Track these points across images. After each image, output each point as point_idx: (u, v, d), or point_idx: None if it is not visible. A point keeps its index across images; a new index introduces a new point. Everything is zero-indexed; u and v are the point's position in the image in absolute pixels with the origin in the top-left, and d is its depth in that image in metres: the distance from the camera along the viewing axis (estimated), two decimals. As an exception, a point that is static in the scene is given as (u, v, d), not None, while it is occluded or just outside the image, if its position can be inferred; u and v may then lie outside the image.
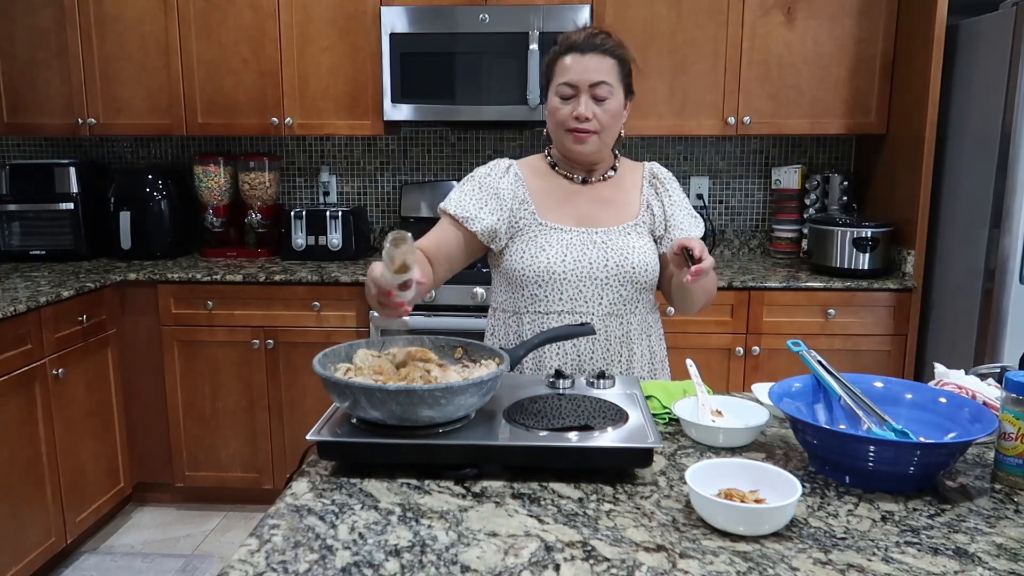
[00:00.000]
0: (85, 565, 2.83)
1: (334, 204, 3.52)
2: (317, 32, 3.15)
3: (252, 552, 0.96)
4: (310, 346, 3.00)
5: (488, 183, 1.67)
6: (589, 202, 1.67)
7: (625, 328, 1.66)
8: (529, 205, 1.66)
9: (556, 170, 1.70)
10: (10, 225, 3.31)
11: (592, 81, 1.56)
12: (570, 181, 1.69)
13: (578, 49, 1.58)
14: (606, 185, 1.70)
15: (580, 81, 1.57)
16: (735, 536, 0.99)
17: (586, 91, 1.57)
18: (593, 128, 1.58)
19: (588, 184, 1.69)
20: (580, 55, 1.57)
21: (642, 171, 1.74)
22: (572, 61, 1.58)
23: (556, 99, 1.60)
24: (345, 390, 1.16)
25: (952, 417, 1.23)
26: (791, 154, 3.49)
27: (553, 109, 1.61)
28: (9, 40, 3.24)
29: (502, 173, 1.68)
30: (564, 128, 1.60)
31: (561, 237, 1.63)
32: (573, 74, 1.57)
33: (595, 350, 1.66)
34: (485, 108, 3.07)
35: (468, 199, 1.65)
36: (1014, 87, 2.47)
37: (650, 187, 1.71)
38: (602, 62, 1.58)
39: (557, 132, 1.63)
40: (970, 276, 2.70)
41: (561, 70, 1.59)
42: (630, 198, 1.70)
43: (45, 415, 2.62)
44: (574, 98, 1.58)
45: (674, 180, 1.75)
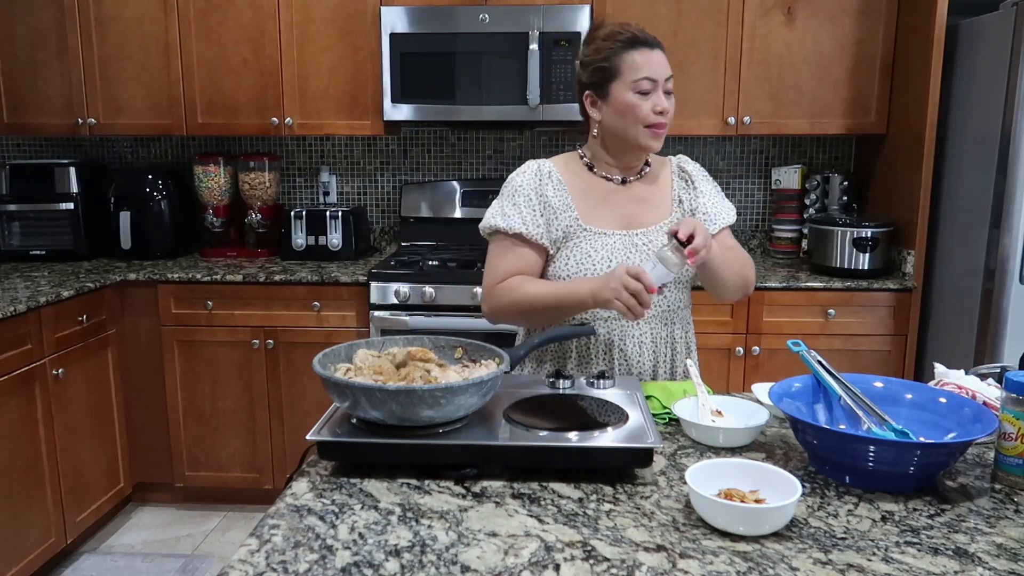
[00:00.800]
0: (85, 565, 2.83)
1: (334, 204, 3.52)
2: (317, 32, 3.15)
3: (252, 552, 0.96)
4: (310, 346, 3.00)
5: (531, 193, 1.62)
6: (627, 202, 1.65)
7: (669, 328, 1.66)
8: (572, 210, 1.62)
9: (594, 171, 1.67)
10: (10, 225, 3.31)
11: (667, 75, 1.56)
12: (608, 182, 1.66)
13: (647, 44, 1.57)
14: (641, 183, 1.68)
15: (659, 75, 1.55)
16: (735, 536, 0.99)
17: (662, 85, 1.56)
18: (667, 122, 1.58)
19: (626, 184, 1.67)
20: (650, 50, 1.56)
21: (670, 165, 1.72)
22: (645, 56, 1.55)
23: (633, 95, 1.55)
24: (345, 390, 1.16)
25: (952, 417, 1.23)
26: (791, 154, 3.49)
27: (632, 105, 1.55)
28: (9, 40, 3.24)
29: (544, 179, 1.63)
30: (644, 124, 1.55)
31: (605, 242, 1.61)
32: (652, 68, 1.54)
33: (643, 352, 1.64)
34: (485, 108, 3.07)
35: (527, 214, 1.61)
36: (1014, 87, 2.47)
37: (680, 180, 1.70)
38: (664, 58, 1.58)
39: (633, 128, 1.56)
40: (970, 276, 2.70)
41: (633, 65, 1.55)
42: (663, 194, 1.68)
43: (45, 415, 2.62)
44: (651, 93, 1.55)
45: (701, 170, 1.73)
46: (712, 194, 1.70)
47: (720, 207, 1.69)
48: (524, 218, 1.60)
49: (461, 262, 3.05)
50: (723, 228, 1.67)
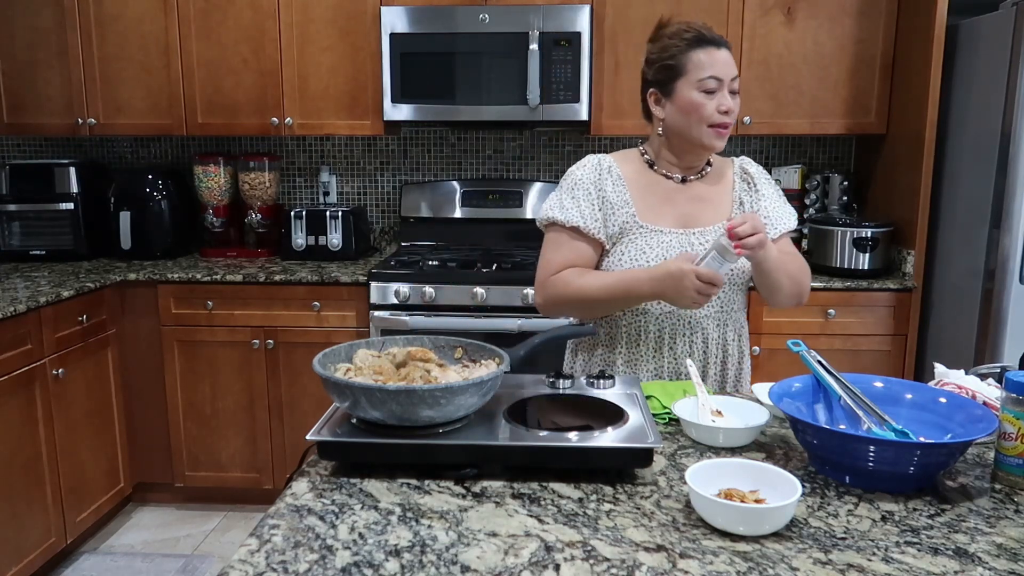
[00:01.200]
0: (85, 565, 2.83)
1: (334, 204, 3.52)
2: (317, 32, 3.15)
3: (252, 552, 0.96)
4: (310, 346, 3.00)
5: (591, 187, 1.62)
6: (687, 201, 1.64)
7: (722, 329, 1.66)
8: (630, 206, 1.62)
9: (654, 169, 1.66)
10: (10, 225, 3.31)
11: (734, 75, 1.56)
12: (668, 180, 1.66)
13: (713, 43, 1.56)
14: (702, 183, 1.67)
15: (725, 75, 1.54)
16: (735, 536, 0.99)
17: (728, 84, 1.55)
18: (732, 121, 1.57)
19: (687, 183, 1.66)
20: (716, 49, 1.56)
21: (732, 167, 1.71)
22: (711, 55, 1.54)
23: (698, 94, 1.54)
24: (345, 390, 1.16)
25: (952, 417, 1.22)
26: (791, 154, 3.49)
27: (696, 104, 1.54)
28: (9, 40, 3.24)
29: (604, 173, 1.64)
30: (708, 123, 1.55)
31: (661, 239, 1.61)
32: (718, 68, 1.54)
33: (693, 352, 1.64)
34: (485, 108, 3.07)
35: (585, 208, 1.61)
36: (1014, 87, 2.47)
37: (742, 182, 1.69)
38: (731, 57, 1.57)
39: (697, 128, 1.56)
40: (970, 276, 2.70)
41: (699, 64, 1.54)
42: (723, 195, 1.67)
43: (45, 415, 2.62)
44: (717, 92, 1.54)
45: (764, 173, 1.72)
46: (774, 198, 1.68)
47: (781, 212, 1.67)
48: (582, 212, 1.61)
49: (461, 262, 3.05)
50: (783, 234, 1.65)
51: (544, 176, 3.56)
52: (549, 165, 3.56)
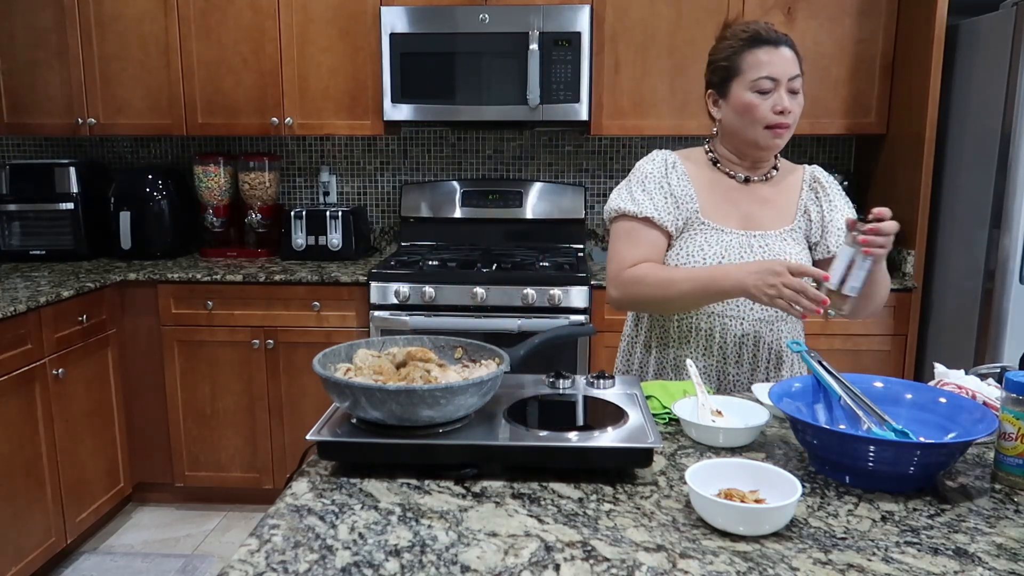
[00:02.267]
0: (85, 565, 2.83)
1: (334, 204, 3.52)
2: (317, 32, 3.15)
3: (252, 552, 0.96)
4: (310, 346, 3.00)
5: (662, 180, 1.62)
6: (750, 202, 1.63)
7: (775, 335, 1.64)
8: (694, 202, 1.61)
9: (718, 167, 1.66)
10: (10, 225, 3.31)
11: (792, 74, 1.54)
12: (731, 179, 1.65)
13: (771, 42, 1.54)
14: (767, 185, 1.65)
15: (781, 75, 1.52)
16: (735, 536, 0.99)
17: (785, 84, 1.53)
18: (791, 122, 1.55)
19: (750, 183, 1.64)
20: (775, 48, 1.54)
21: (802, 174, 1.69)
22: (768, 55, 1.53)
23: (751, 94, 1.54)
24: (345, 390, 1.16)
25: (952, 417, 1.22)
26: (791, 154, 3.49)
27: (749, 105, 1.54)
28: (9, 40, 3.24)
29: (670, 168, 1.64)
30: (764, 124, 1.54)
31: (721, 238, 1.60)
32: (774, 67, 1.52)
33: (743, 355, 1.62)
34: (485, 108, 3.07)
35: (659, 200, 1.60)
36: (1014, 87, 2.47)
37: (810, 191, 1.66)
38: (792, 54, 1.55)
39: (752, 128, 1.55)
40: (970, 276, 2.70)
41: (754, 64, 1.53)
42: (789, 200, 1.65)
43: (45, 415, 2.62)
44: (774, 92, 1.53)
45: (835, 184, 1.70)
46: (846, 210, 1.65)
47: None
48: (655, 202, 1.59)
49: (461, 262, 3.05)
50: None
51: (544, 176, 3.56)
52: (549, 165, 3.56)
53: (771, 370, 1.65)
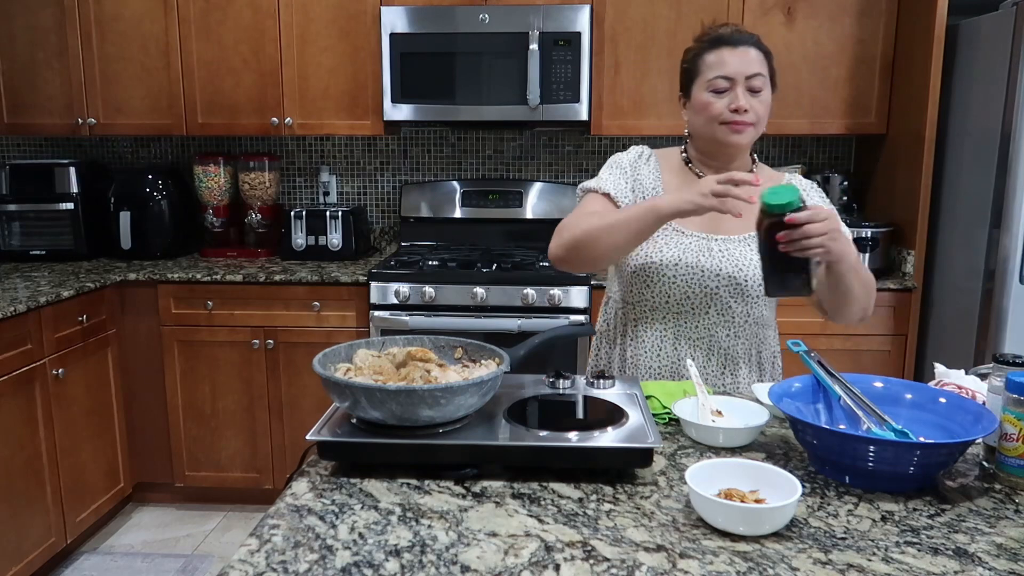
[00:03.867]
0: (85, 565, 2.83)
1: (334, 204, 3.52)
2: (317, 32, 3.15)
3: (252, 552, 0.96)
4: (310, 346, 3.00)
5: (628, 168, 1.67)
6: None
7: (731, 340, 1.64)
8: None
9: (690, 167, 1.68)
10: (10, 225, 3.31)
11: (749, 73, 1.55)
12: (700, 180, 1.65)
13: (729, 43, 1.57)
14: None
15: (736, 74, 1.54)
16: (735, 536, 0.99)
17: (742, 83, 1.55)
18: (750, 120, 1.56)
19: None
20: (732, 48, 1.56)
21: (781, 181, 1.69)
22: (725, 55, 1.56)
23: (707, 94, 1.56)
24: (345, 390, 1.16)
25: (952, 417, 1.22)
26: (791, 154, 3.49)
27: (705, 104, 1.57)
28: (9, 40, 3.24)
29: (644, 161, 1.69)
30: (719, 121, 1.56)
31: (681, 240, 1.61)
32: (729, 67, 1.55)
33: (696, 357, 1.64)
34: (485, 108, 3.07)
35: (621, 183, 1.65)
36: (1014, 87, 2.47)
37: None
38: (753, 54, 1.57)
39: (709, 125, 1.58)
40: (970, 276, 2.70)
41: (712, 65, 1.56)
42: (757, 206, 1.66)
43: (45, 415, 2.62)
44: (730, 91, 1.55)
45: (816, 190, 1.69)
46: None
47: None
48: (616, 183, 1.65)
49: (461, 262, 3.05)
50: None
51: (544, 176, 3.56)
52: (549, 165, 3.56)
53: (727, 375, 1.66)
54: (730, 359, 1.65)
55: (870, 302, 1.57)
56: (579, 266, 1.60)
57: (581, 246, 1.55)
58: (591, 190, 1.67)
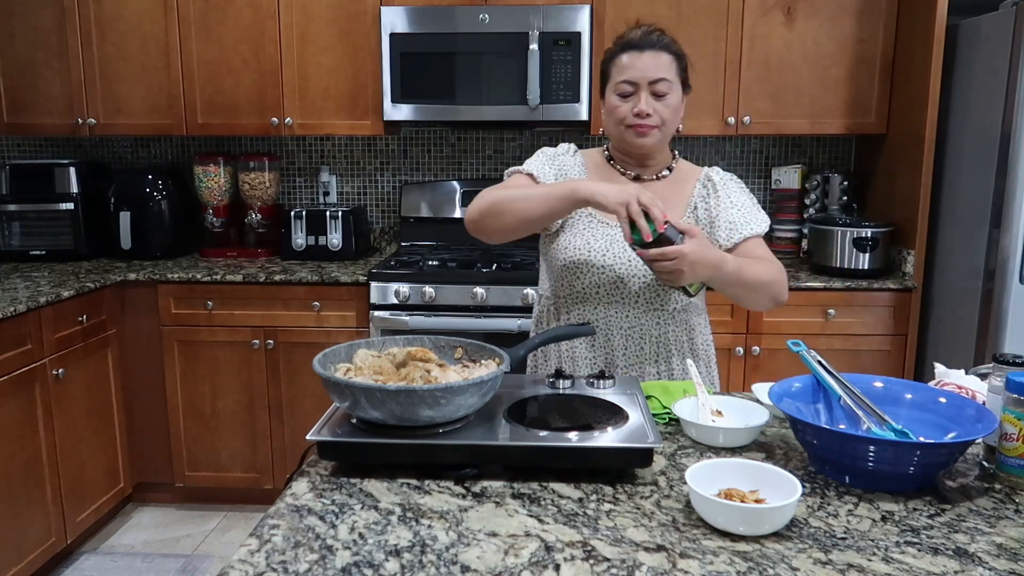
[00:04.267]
0: (85, 565, 2.83)
1: (334, 204, 3.52)
2: (317, 32, 3.15)
3: (252, 552, 0.96)
4: (310, 346, 3.00)
5: (558, 160, 1.72)
6: None
7: (662, 328, 1.67)
8: None
9: (611, 164, 1.72)
10: (10, 225, 3.31)
11: (651, 78, 1.58)
12: (623, 176, 1.70)
13: (636, 47, 1.60)
14: (659, 184, 1.70)
15: (640, 78, 1.58)
16: (735, 536, 0.99)
17: (646, 88, 1.58)
18: (654, 123, 1.59)
19: (640, 181, 1.69)
20: (638, 52, 1.59)
21: (699, 174, 1.73)
22: (630, 59, 1.59)
23: (615, 97, 1.61)
24: (345, 390, 1.16)
25: (952, 417, 1.22)
26: (791, 154, 3.49)
27: (612, 107, 1.62)
28: (9, 40, 3.24)
29: (570, 155, 1.74)
30: (624, 124, 1.61)
31: (607, 232, 1.65)
32: (633, 71, 1.58)
33: (629, 346, 1.66)
34: (485, 108, 3.07)
35: (545, 167, 1.69)
36: (1014, 87, 2.47)
37: (702, 188, 1.70)
38: (660, 58, 1.60)
39: (617, 128, 1.63)
40: (970, 276, 2.70)
41: (619, 69, 1.60)
42: (680, 199, 1.69)
43: (45, 415, 2.62)
44: (634, 95, 1.59)
45: (734, 182, 1.72)
46: (741, 204, 1.67)
47: (748, 217, 1.66)
48: (541, 167, 1.69)
49: (461, 262, 3.05)
50: (749, 237, 1.64)
51: (544, 176, 3.55)
52: (549, 165, 3.55)
53: (660, 363, 1.69)
54: (662, 347, 1.68)
55: (772, 292, 1.60)
56: (491, 233, 1.65)
57: (495, 212, 1.59)
58: (516, 171, 1.72)
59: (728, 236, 1.63)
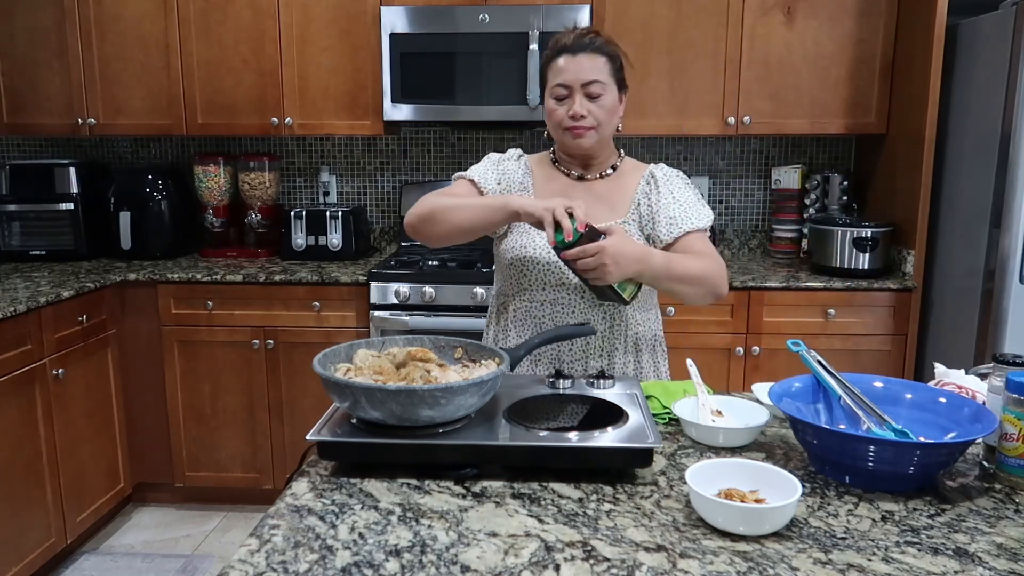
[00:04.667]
0: (85, 565, 2.83)
1: (334, 204, 3.52)
2: (317, 32, 3.15)
3: (252, 552, 0.96)
4: (310, 346, 3.00)
5: (502, 165, 1.76)
6: (584, 198, 1.68)
7: (607, 323, 1.69)
8: (529, 193, 1.72)
9: (556, 165, 1.76)
10: (10, 225, 3.31)
11: (584, 80, 1.60)
12: (567, 176, 1.74)
13: (568, 50, 1.62)
14: (604, 183, 1.73)
15: (573, 81, 1.61)
16: (735, 536, 0.99)
17: (579, 90, 1.61)
18: (590, 124, 1.62)
19: (585, 181, 1.73)
20: (571, 56, 1.62)
21: (643, 172, 1.75)
22: (564, 62, 1.62)
23: (552, 100, 1.65)
24: (345, 390, 1.16)
25: (952, 417, 1.23)
26: (791, 154, 3.49)
27: (550, 110, 1.66)
28: (9, 40, 3.24)
29: (514, 159, 1.78)
30: (562, 127, 1.64)
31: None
32: (566, 75, 1.61)
33: (574, 342, 1.69)
34: (485, 108, 3.07)
35: (488, 173, 1.73)
36: (1014, 87, 2.47)
37: (646, 185, 1.72)
38: (593, 60, 1.61)
39: (556, 131, 1.68)
40: (970, 276, 2.70)
41: (555, 72, 1.63)
42: (624, 196, 1.72)
43: (45, 415, 2.62)
44: (568, 98, 1.62)
45: (678, 178, 1.73)
46: (683, 200, 1.69)
47: (689, 212, 1.67)
48: (484, 173, 1.73)
49: (461, 262, 3.05)
50: (689, 232, 1.65)
51: (544, 176, 3.55)
52: (549, 165, 3.55)
53: (604, 357, 1.70)
54: (607, 341, 1.70)
55: (709, 286, 1.60)
56: (428, 238, 1.67)
57: (432, 218, 1.63)
58: (459, 176, 1.75)
59: (668, 231, 1.65)
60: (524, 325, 1.72)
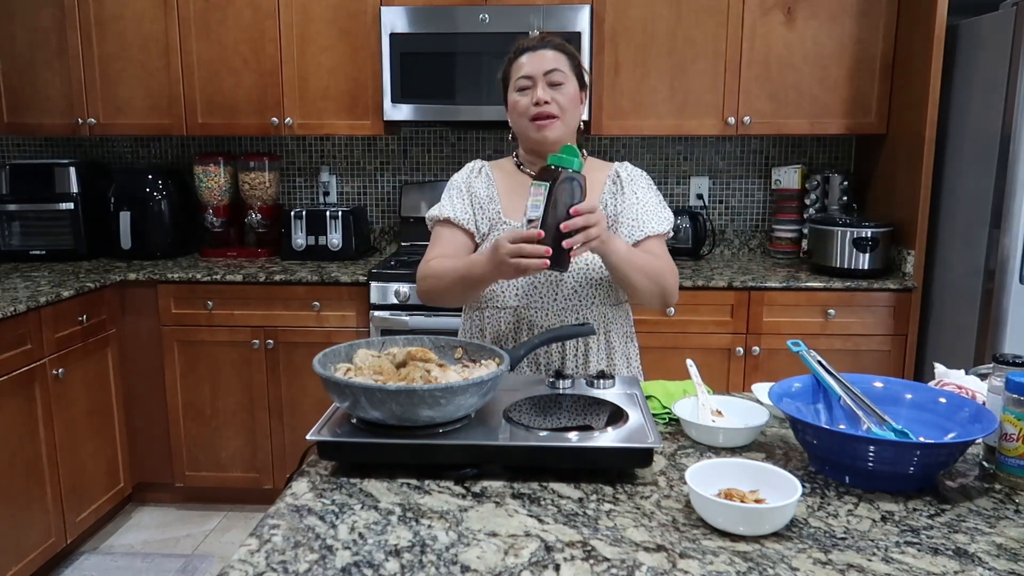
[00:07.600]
0: (85, 565, 2.83)
1: (334, 204, 3.52)
2: (317, 32, 3.15)
3: (252, 552, 0.96)
4: (310, 346, 3.00)
5: (466, 186, 1.76)
6: None
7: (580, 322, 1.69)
8: (496, 204, 1.73)
9: (521, 169, 1.76)
10: (10, 225, 3.31)
11: (546, 69, 1.63)
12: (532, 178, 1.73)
13: (530, 48, 1.67)
14: None
15: (535, 72, 1.63)
16: (735, 536, 0.99)
17: (542, 79, 1.63)
18: (554, 112, 1.63)
19: None
20: (532, 52, 1.66)
21: (609, 171, 1.77)
22: (527, 58, 1.66)
23: (515, 94, 1.67)
24: (345, 390, 1.16)
25: (952, 417, 1.23)
26: (791, 154, 3.49)
27: (513, 104, 1.67)
28: (9, 40, 3.24)
29: (475, 174, 1.78)
30: (526, 118, 1.65)
31: None
32: (530, 67, 1.64)
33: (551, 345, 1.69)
34: (485, 108, 3.07)
35: (456, 203, 1.74)
36: (1014, 87, 2.47)
37: (612, 185, 1.74)
38: (555, 54, 1.66)
39: (520, 124, 1.68)
40: (970, 276, 2.70)
41: (517, 68, 1.67)
42: (590, 197, 1.70)
43: (45, 415, 2.62)
44: (531, 88, 1.64)
45: (642, 179, 1.76)
46: (647, 202, 1.71)
47: (651, 215, 1.70)
48: (454, 206, 1.74)
49: (461, 262, 3.05)
50: (651, 236, 1.68)
51: (544, 176, 3.55)
52: (549, 165, 3.55)
53: (579, 358, 1.72)
54: (580, 341, 1.71)
55: (663, 287, 1.62)
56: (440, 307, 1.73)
57: (432, 299, 1.71)
58: (435, 220, 1.75)
59: (630, 232, 1.67)
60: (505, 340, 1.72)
